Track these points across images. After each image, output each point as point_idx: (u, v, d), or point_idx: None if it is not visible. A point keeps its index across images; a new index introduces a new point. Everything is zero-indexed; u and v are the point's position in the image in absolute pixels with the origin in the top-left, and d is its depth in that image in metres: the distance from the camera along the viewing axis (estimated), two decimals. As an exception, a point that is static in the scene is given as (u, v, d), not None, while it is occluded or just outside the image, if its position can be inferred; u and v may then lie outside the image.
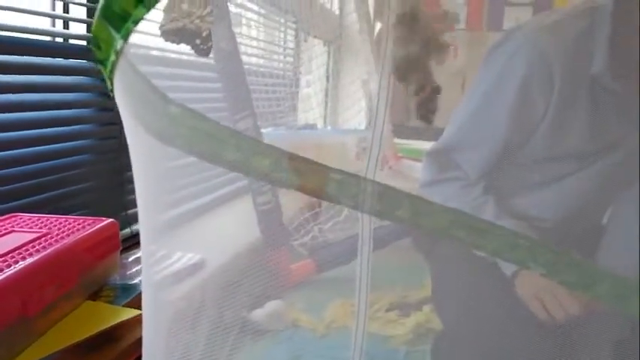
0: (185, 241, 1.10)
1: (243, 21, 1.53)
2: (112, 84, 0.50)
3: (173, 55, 1.18)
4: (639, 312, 0.49)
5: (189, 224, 1.07)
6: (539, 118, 0.85)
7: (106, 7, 0.42)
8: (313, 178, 0.47)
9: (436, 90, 0.62)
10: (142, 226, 0.64)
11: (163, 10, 0.44)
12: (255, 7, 1.62)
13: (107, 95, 1.27)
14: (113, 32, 0.42)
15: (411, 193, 0.53)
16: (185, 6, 0.41)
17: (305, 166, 0.47)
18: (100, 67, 0.50)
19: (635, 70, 0.80)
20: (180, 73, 1.26)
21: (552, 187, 0.92)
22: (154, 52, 1.06)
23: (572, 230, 0.94)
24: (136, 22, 0.40)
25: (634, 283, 0.47)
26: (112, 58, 0.46)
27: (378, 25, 2.10)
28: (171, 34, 0.42)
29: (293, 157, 0.46)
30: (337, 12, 2.15)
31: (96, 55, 0.49)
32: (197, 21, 0.41)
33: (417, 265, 1.06)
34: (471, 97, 0.92)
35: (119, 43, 0.43)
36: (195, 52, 0.43)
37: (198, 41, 0.43)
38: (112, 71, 0.48)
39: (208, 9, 0.41)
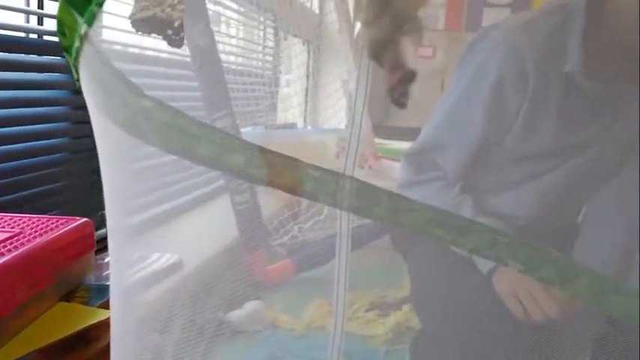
0: (163, 241, 1.09)
1: (222, 19, 1.51)
2: (77, 72, 0.48)
3: (150, 53, 1.17)
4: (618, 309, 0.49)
5: (167, 225, 1.06)
6: (513, 117, 0.85)
7: None
8: (290, 174, 0.47)
9: (411, 74, 0.62)
10: (113, 228, 0.62)
11: (134, -1, 0.42)
12: (235, 6, 1.61)
13: (80, 92, 1.25)
14: (77, 16, 0.40)
15: (390, 190, 0.53)
16: None
17: (281, 162, 0.46)
18: (65, 55, 0.49)
19: (608, 68, 0.81)
20: (157, 71, 1.24)
21: (526, 185, 0.93)
22: (130, 50, 1.04)
23: (547, 228, 0.94)
24: (100, 4, 0.38)
25: (612, 279, 0.47)
26: (77, 44, 0.44)
27: (358, 25, 2.10)
28: (141, 23, 0.41)
29: (269, 153, 0.45)
30: (317, 11, 2.15)
31: (61, 42, 0.47)
32: (168, 9, 0.40)
33: (396, 265, 1.06)
34: (448, 96, 0.92)
35: (83, 28, 0.42)
36: (168, 43, 0.42)
37: (170, 31, 0.41)
38: (76, 58, 0.46)
39: None
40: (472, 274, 0.85)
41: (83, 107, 1.36)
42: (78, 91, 1.33)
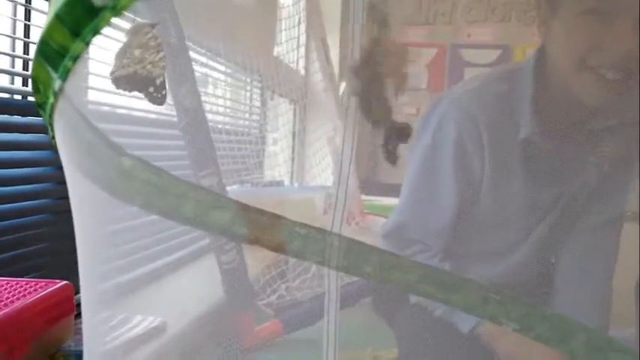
0: (145, 304, 1.06)
1: (209, 80, 1.54)
2: (52, 130, 0.47)
3: (137, 114, 1.17)
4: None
5: (150, 286, 1.03)
6: (479, 177, 0.87)
7: (43, 43, 0.40)
8: (276, 232, 0.45)
9: (403, 127, 0.62)
10: (89, 292, 0.60)
11: (114, 57, 0.42)
12: (222, 67, 1.64)
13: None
14: (51, 71, 0.39)
15: (379, 247, 0.52)
16: (137, 52, 0.39)
17: (266, 219, 0.45)
18: (40, 111, 0.48)
19: (562, 126, 0.84)
20: (143, 131, 1.24)
21: (501, 256, 0.93)
22: (113, 110, 1.05)
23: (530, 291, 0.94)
24: (74, 60, 0.38)
25: (609, 337, 0.46)
26: (51, 99, 0.43)
27: (343, 84, 2.14)
28: (122, 81, 0.40)
29: (254, 211, 0.44)
30: (302, 72, 2.19)
31: (35, 99, 0.47)
32: (149, 66, 0.40)
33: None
34: (410, 171, 0.93)
35: (57, 84, 0.41)
36: (149, 100, 0.42)
37: (151, 89, 0.41)
38: (51, 115, 0.45)
39: (161, 54, 0.40)
40: (456, 337, 0.84)
41: (62, 167, 1.35)
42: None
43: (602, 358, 0.46)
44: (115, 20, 0.36)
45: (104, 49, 0.44)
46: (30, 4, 1.16)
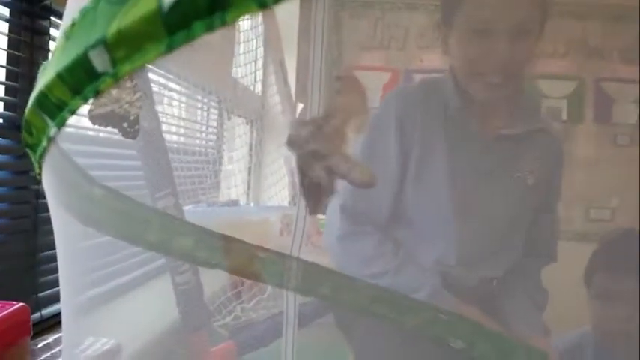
0: (100, 324, 1.04)
1: (165, 100, 1.54)
2: (39, 168, 0.48)
3: (91, 133, 1.17)
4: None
5: (105, 306, 1.02)
6: (411, 152, 1.01)
7: (42, 96, 0.41)
8: (238, 256, 0.47)
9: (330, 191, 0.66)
10: (63, 308, 0.61)
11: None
12: (178, 87, 1.64)
13: (21, 173, 1.22)
14: (48, 120, 0.41)
15: (334, 270, 0.54)
16: (114, 91, 0.41)
17: (229, 244, 0.47)
18: (28, 151, 0.49)
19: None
20: (102, 151, 1.24)
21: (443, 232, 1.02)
22: (76, 130, 1.04)
23: (479, 271, 1.01)
24: (72, 112, 0.40)
25: (545, 353, 0.50)
26: (44, 144, 0.45)
27: (300, 106, 2.17)
28: (99, 118, 0.42)
29: (216, 236, 0.46)
30: (260, 93, 2.21)
31: (25, 140, 0.48)
32: (126, 106, 0.41)
33: (345, 342, 1.05)
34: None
35: (53, 131, 0.43)
36: (123, 135, 0.43)
37: (125, 125, 0.43)
38: (41, 156, 0.47)
39: (138, 94, 0.42)
40: (413, 349, 0.87)
41: (23, 188, 1.34)
42: (17, 172, 1.30)
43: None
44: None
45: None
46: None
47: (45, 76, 0.40)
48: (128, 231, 0.40)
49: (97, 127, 0.42)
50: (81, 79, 0.37)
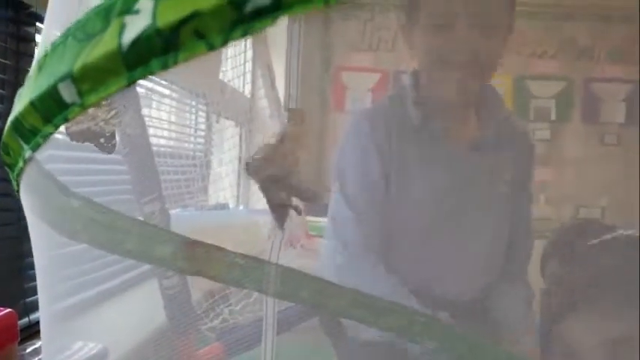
0: (87, 329, 1.05)
1: (154, 104, 1.54)
2: (17, 185, 0.52)
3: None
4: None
5: (92, 311, 1.02)
6: (390, 173, 1.00)
7: (17, 122, 0.45)
8: (216, 264, 0.48)
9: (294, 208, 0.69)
10: (42, 315, 0.62)
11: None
12: (166, 91, 1.65)
13: (5, 180, 1.22)
14: (23, 144, 0.45)
15: (313, 275, 0.55)
16: (91, 110, 0.43)
17: (208, 252, 0.48)
18: (7, 169, 0.53)
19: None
20: (88, 156, 1.24)
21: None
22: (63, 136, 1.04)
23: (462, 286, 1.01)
24: (45, 137, 0.43)
25: (516, 355, 0.51)
26: (20, 164, 0.49)
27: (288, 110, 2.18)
28: (77, 134, 0.45)
29: (195, 244, 0.47)
30: (248, 96, 2.22)
31: (4, 160, 0.52)
32: (101, 123, 0.44)
33: (328, 346, 1.06)
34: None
35: (28, 153, 0.46)
36: (100, 149, 0.46)
37: (102, 140, 0.45)
38: (19, 175, 0.51)
39: (113, 112, 0.44)
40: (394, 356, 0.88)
41: (6, 195, 1.33)
42: (1, 179, 1.29)
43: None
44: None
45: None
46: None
47: (20, 102, 0.44)
48: (106, 240, 0.41)
49: (75, 142, 0.45)
50: (51, 109, 0.40)
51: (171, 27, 0.33)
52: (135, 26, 0.33)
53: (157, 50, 0.34)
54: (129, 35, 0.34)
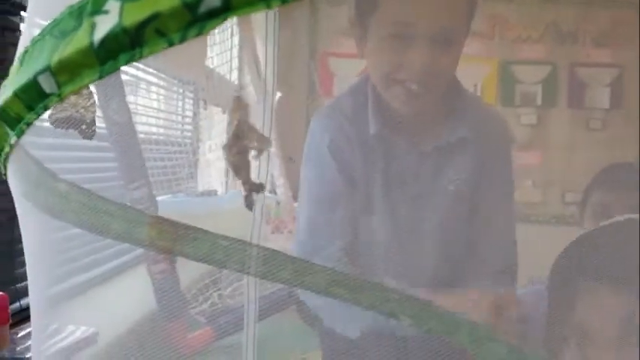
0: (78, 313, 1.07)
1: (140, 92, 1.55)
2: (4, 168, 0.56)
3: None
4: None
5: (83, 296, 1.04)
6: (354, 178, 1.00)
7: (2, 110, 0.50)
8: (200, 245, 0.51)
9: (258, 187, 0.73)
10: (33, 300, 0.65)
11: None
12: (154, 79, 1.66)
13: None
14: (8, 130, 0.49)
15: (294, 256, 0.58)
16: (73, 97, 0.46)
17: (192, 233, 0.50)
18: None
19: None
20: (77, 144, 1.25)
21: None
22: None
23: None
24: (29, 124, 0.49)
25: (486, 329, 0.54)
26: (6, 149, 0.54)
27: (278, 95, 2.19)
28: (59, 122, 0.49)
29: (179, 226, 0.49)
30: (236, 82, 2.22)
31: None
32: (82, 110, 0.47)
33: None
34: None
35: (13, 139, 0.52)
36: (82, 136, 0.51)
37: (84, 126, 0.49)
38: (5, 159, 0.56)
39: (92, 100, 0.48)
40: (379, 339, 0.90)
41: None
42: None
43: (482, 346, 0.54)
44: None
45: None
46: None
47: (5, 93, 0.49)
48: (93, 222, 0.45)
49: (58, 129, 0.49)
50: (33, 98, 0.46)
51: (136, 26, 0.38)
52: (104, 25, 0.39)
53: (125, 46, 0.40)
54: (99, 33, 0.39)
